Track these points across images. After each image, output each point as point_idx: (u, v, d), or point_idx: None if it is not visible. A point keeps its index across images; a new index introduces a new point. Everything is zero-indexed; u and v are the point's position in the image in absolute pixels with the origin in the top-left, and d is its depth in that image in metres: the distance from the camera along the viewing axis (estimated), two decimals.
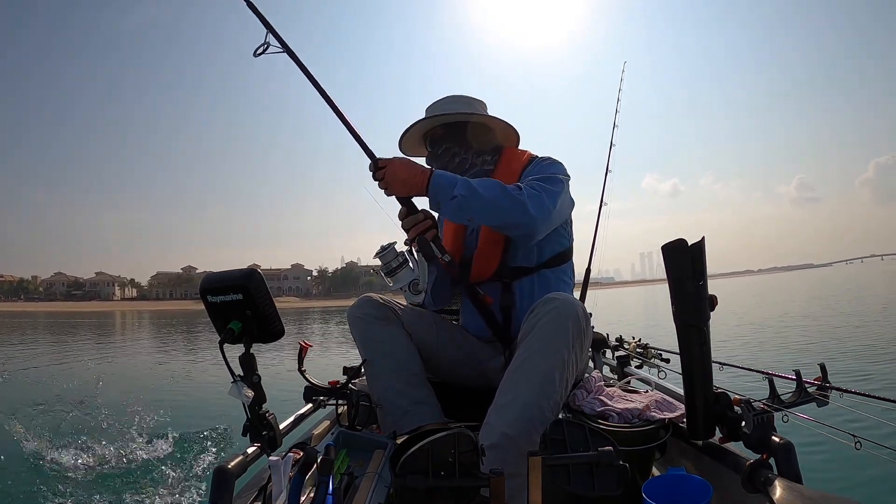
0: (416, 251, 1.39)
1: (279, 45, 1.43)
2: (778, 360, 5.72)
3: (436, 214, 1.46)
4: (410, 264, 1.35)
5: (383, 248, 1.34)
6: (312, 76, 1.44)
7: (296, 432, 1.34)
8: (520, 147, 1.68)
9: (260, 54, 1.41)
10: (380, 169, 1.32)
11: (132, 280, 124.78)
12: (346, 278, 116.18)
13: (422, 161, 1.47)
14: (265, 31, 1.43)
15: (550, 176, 1.42)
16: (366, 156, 1.38)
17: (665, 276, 0.95)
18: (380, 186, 1.34)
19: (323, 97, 1.43)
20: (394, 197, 1.38)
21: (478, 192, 1.29)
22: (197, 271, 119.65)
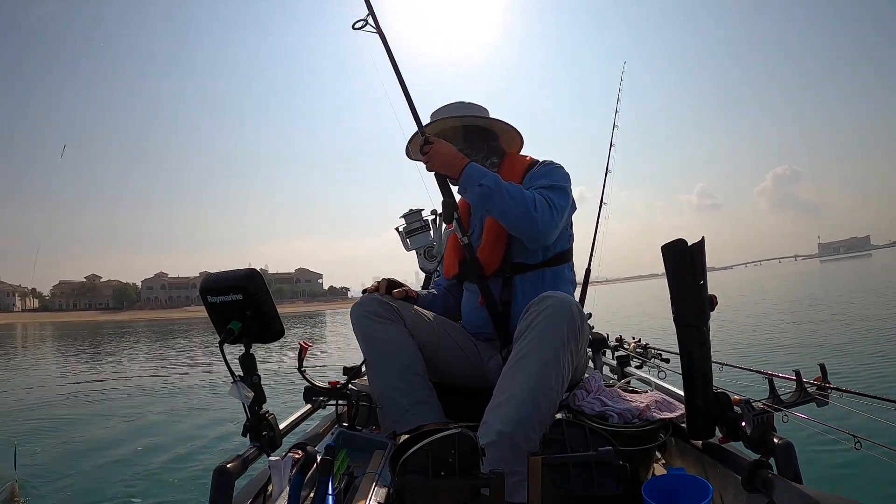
0: (439, 217, 1.49)
1: (374, 27, 1.53)
2: (778, 360, 5.72)
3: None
4: (430, 231, 1.43)
5: (411, 211, 1.45)
6: (396, 65, 1.51)
7: (296, 432, 1.34)
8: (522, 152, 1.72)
9: (358, 29, 1.53)
10: (428, 143, 1.45)
11: (34, 290, 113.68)
12: None
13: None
14: (367, 10, 1.53)
15: (557, 186, 1.49)
16: (419, 132, 1.51)
17: None
18: (423, 160, 1.48)
19: (399, 82, 1.51)
20: (432, 176, 1.53)
21: (503, 189, 1.39)
22: (101, 280, 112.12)
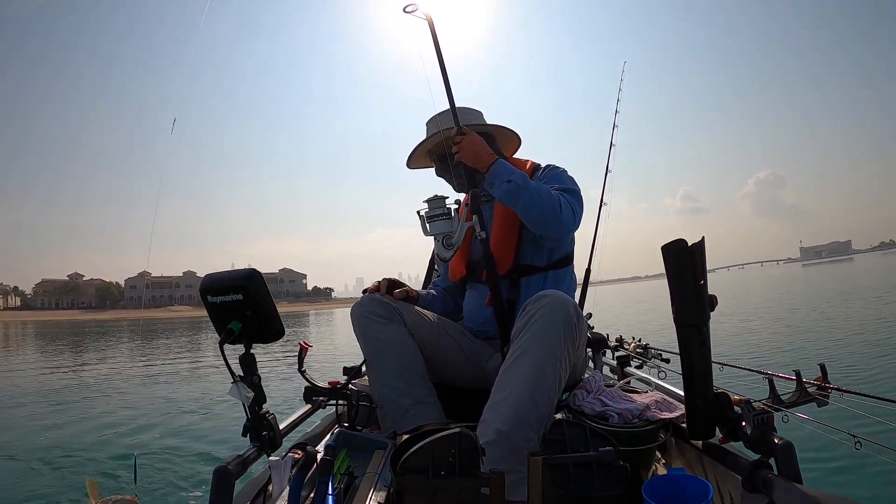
0: (464, 206, 1.48)
1: (423, 15, 1.48)
2: (778, 360, 5.73)
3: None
4: (452, 219, 1.44)
5: (435, 196, 1.44)
6: (441, 53, 1.47)
7: (296, 432, 1.34)
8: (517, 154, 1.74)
9: (410, 13, 1.48)
10: (461, 134, 1.48)
11: (16, 288, 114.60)
12: None
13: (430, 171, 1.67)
14: None
15: (572, 189, 1.52)
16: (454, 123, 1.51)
17: None
18: (454, 150, 1.49)
19: (441, 69, 1.48)
20: (453, 168, 1.56)
21: (530, 186, 1.42)
22: (84, 279, 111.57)
